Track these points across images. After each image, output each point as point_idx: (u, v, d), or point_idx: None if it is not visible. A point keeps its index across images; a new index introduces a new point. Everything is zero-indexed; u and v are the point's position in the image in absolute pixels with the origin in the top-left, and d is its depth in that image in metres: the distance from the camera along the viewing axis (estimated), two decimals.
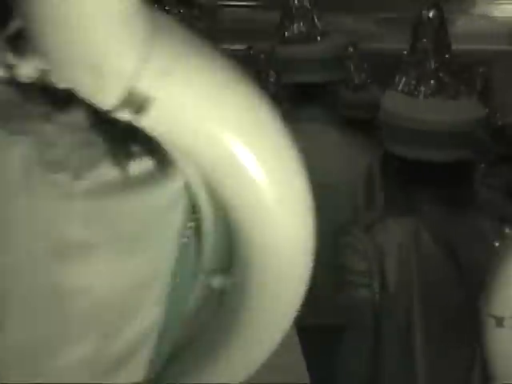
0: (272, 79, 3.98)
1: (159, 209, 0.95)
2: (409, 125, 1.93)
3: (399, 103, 1.99)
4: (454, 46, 2.01)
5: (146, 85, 0.82)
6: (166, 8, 1.30)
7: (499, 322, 1.46)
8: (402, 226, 1.93)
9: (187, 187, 0.95)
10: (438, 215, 1.96)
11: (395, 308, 1.91)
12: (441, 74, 1.96)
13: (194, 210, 0.96)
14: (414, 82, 1.99)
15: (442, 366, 1.93)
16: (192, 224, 0.97)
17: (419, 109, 1.95)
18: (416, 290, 1.90)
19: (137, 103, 0.80)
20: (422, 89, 1.97)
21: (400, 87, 2.01)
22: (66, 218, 0.91)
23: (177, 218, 0.97)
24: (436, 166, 1.92)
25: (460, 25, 6.14)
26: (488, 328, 1.48)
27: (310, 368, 1.24)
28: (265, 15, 6.85)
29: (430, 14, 2.01)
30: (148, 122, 0.87)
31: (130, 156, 0.92)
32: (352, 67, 3.65)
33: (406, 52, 2.00)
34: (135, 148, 0.92)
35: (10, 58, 0.87)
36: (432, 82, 1.97)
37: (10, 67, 0.87)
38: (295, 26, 2.80)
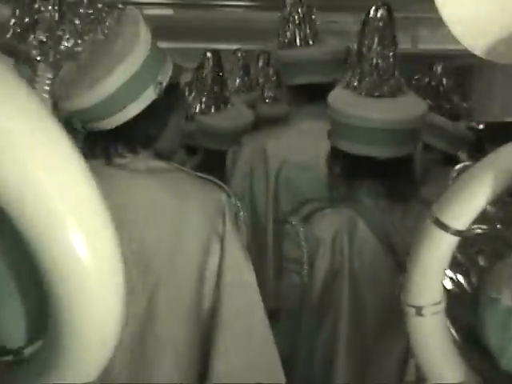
0: (272, 80, 3.98)
1: None
2: (350, 121, 1.96)
3: (343, 100, 2.03)
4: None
5: None
6: None
7: (418, 311, 1.48)
8: (340, 217, 1.97)
9: None
10: (378, 207, 2.00)
11: (323, 296, 1.95)
12: (382, 72, 1.99)
13: None
14: (357, 80, 2.02)
15: (370, 355, 1.97)
16: None
17: (360, 106, 1.98)
18: (348, 278, 1.94)
19: None
20: (365, 86, 2.00)
21: (345, 84, 2.05)
22: None
23: None
24: (378, 160, 1.95)
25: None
26: (409, 317, 1.50)
27: None
28: (263, 15, 6.84)
29: (378, 13, 2.03)
30: None
31: None
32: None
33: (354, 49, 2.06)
34: None
35: None
36: (374, 79, 2.01)
37: None
38: (295, 29, 2.84)
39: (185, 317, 1.65)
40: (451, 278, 1.48)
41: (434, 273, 1.45)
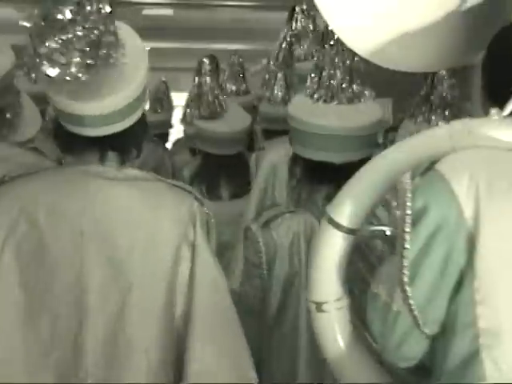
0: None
1: None
2: (308, 128, 2.02)
3: (301, 108, 2.08)
4: None
5: None
6: None
7: (319, 307, 1.54)
8: (298, 221, 2.03)
9: None
10: None
11: (283, 298, 2.03)
12: (339, 81, 2.02)
13: None
14: (315, 88, 2.06)
15: None
16: None
17: (318, 113, 2.03)
18: (304, 280, 1.97)
19: None
20: (322, 94, 2.04)
21: (305, 93, 2.09)
22: None
23: None
24: (335, 165, 2.00)
25: None
26: (311, 313, 1.56)
27: None
28: (263, 15, 6.86)
29: None
30: None
31: None
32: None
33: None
34: None
35: None
36: (331, 88, 2.03)
37: None
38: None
39: (157, 321, 1.69)
40: None
41: (330, 270, 1.51)
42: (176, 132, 5.30)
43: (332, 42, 1.99)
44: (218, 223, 1.98)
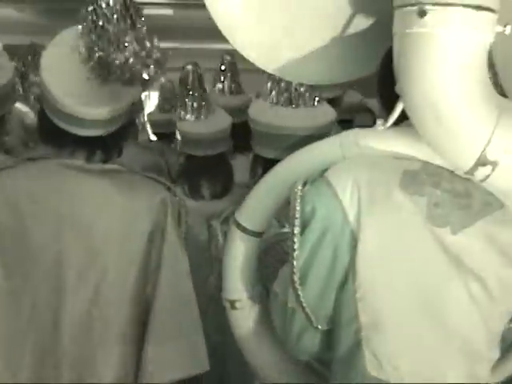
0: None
1: None
2: (267, 129, 2.15)
3: (261, 111, 2.20)
4: None
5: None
6: None
7: (232, 304, 1.65)
8: None
9: None
10: None
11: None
12: (297, 86, 2.13)
13: None
14: (275, 92, 2.18)
15: None
16: None
17: (276, 116, 2.14)
18: None
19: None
20: (281, 98, 2.16)
21: (265, 97, 2.20)
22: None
23: None
24: None
25: None
26: (227, 311, 1.66)
27: None
28: None
29: None
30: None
31: None
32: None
33: None
34: None
35: None
36: (290, 92, 2.15)
37: None
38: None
39: (130, 301, 1.81)
40: None
41: (240, 270, 1.62)
42: None
43: None
44: (199, 222, 2.10)
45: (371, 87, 1.56)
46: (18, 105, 3.01)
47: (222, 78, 4.07)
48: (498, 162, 1.24)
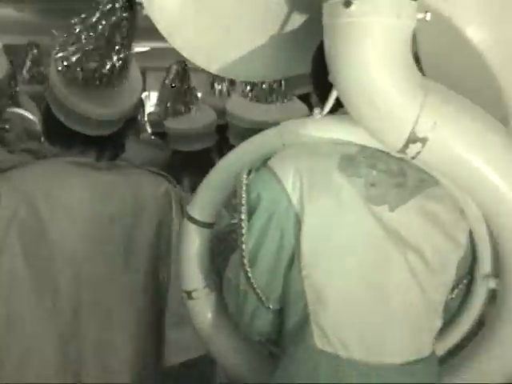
0: None
1: None
2: (243, 124, 2.32)
3: (236, 105, 2.37)
4: None
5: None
6: None
7: (189, 295, 1.71)
8: None
9: None
10: None
11: None
12: (270, 83, 2.29)
13: None
14: (248, 88, 2.34)
15: None
16: None
17: (252, 110, 2.31)
18: None
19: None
20: (254, 93, 2.32)
21: (241, 93, 2.38)
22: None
23: None
24: None
25: None
26: (184, 301, 1.73)
27: None
28: None
29: None
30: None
31: None
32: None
33: None
34: None
35: None
36: (264, 89, 2.30)
37: None
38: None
39: (144, 286, 2.00)
40: None
41: (193, 261, 1.69)
42: None
43: None
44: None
45: None
46: (20, 110, 3.08)
47: (219, 79, 4.12)
48: (427, 139, 1.32)
